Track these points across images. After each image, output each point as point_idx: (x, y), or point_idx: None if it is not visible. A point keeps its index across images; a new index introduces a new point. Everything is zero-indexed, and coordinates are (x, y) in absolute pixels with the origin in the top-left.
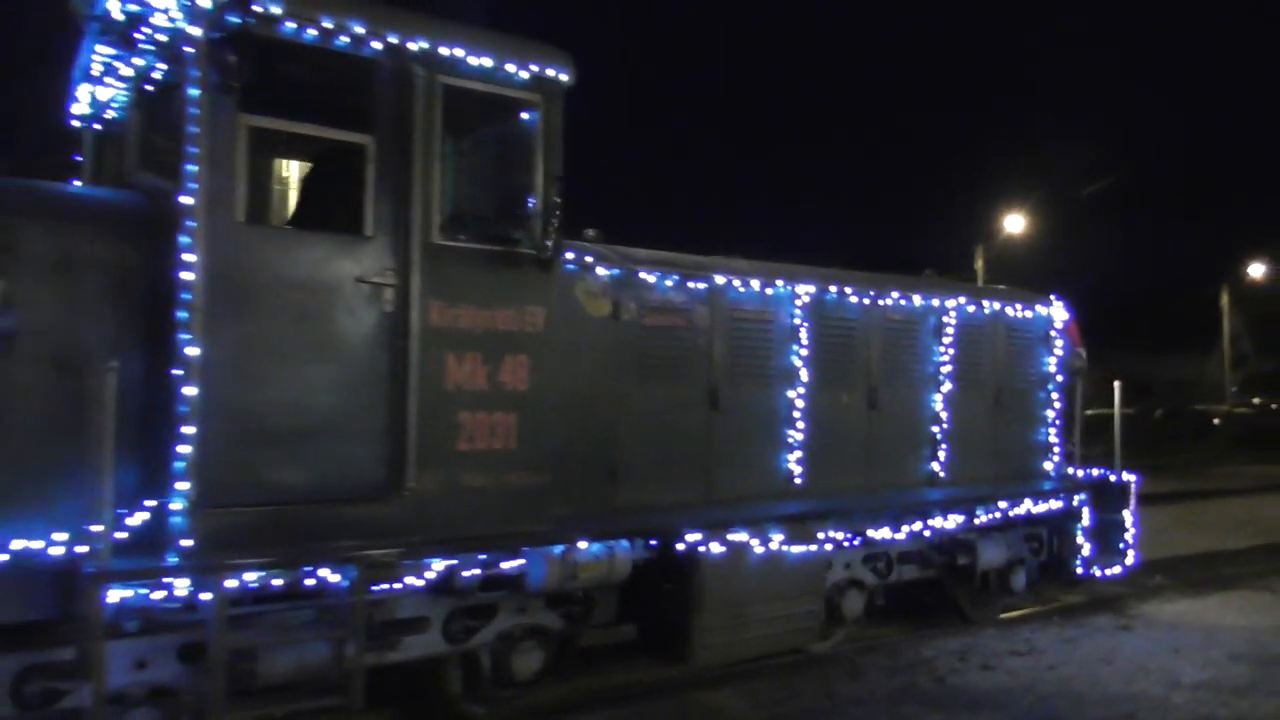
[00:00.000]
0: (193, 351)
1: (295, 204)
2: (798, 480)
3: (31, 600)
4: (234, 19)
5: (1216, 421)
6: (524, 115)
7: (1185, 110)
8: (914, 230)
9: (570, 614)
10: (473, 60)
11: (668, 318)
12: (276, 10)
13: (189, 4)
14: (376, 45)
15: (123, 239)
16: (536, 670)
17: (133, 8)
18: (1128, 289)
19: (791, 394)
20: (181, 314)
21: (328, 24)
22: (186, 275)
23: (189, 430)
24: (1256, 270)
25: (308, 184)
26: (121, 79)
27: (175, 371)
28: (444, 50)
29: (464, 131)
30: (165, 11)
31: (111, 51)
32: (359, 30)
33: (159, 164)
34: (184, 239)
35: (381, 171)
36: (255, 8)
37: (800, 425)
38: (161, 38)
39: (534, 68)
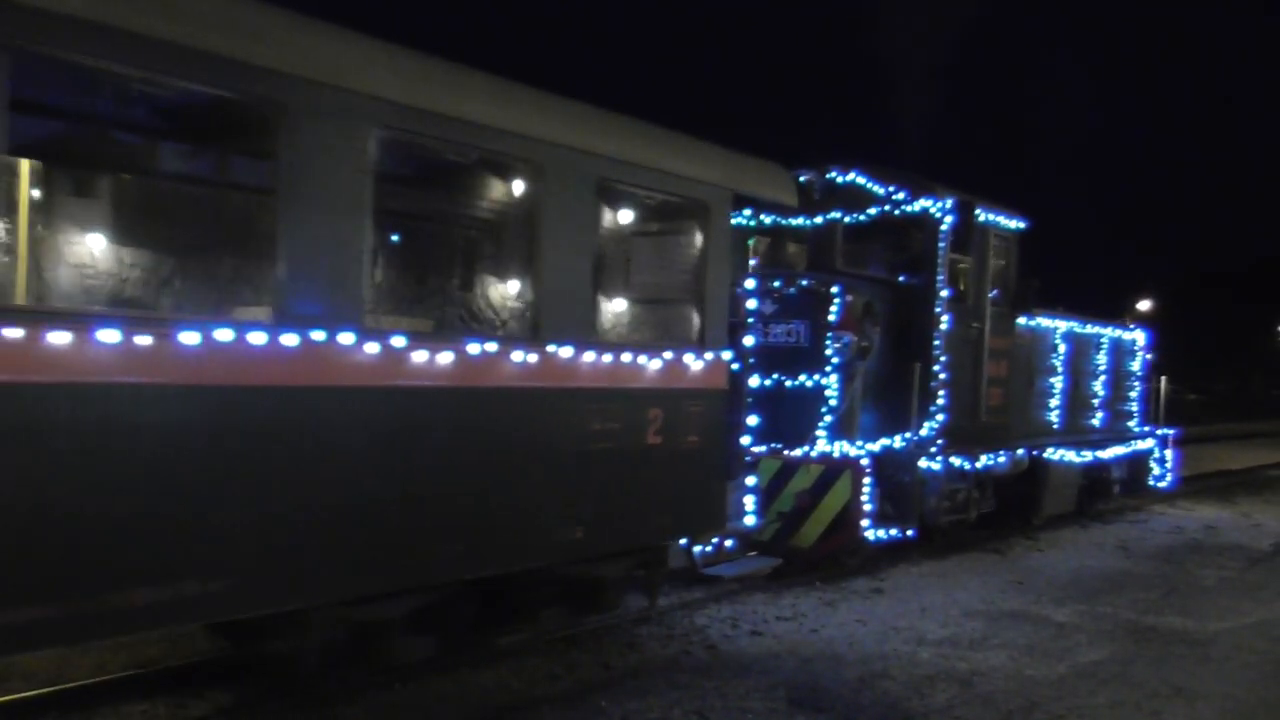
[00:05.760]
0: (943, 358)
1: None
2: (1056, 425)
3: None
4: (958, 215)
5: None
6: (1006, 246)
7: None
8: None
9: (980, 490)
10: (1000, 221)
11: (1020, 338)
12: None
13: (940, 214)
14: (980, 218)
15: (891, 302)
16: (976, 516)
17: (867, 195)
18: None
19: (1054, 380)
20: (937, 341)
21: (968, 211)
22: (941, 325)
23: (942, 392)
24: None
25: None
26: (823, 218)
27: (935, 367)
28: (996, 218)
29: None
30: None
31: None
32: (977, 210)
33: (855, 261)
34: (938, 308)
35: (971, 275)
36: (971, 226)
37: (1058, 397)
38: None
39: (1018, 222)
